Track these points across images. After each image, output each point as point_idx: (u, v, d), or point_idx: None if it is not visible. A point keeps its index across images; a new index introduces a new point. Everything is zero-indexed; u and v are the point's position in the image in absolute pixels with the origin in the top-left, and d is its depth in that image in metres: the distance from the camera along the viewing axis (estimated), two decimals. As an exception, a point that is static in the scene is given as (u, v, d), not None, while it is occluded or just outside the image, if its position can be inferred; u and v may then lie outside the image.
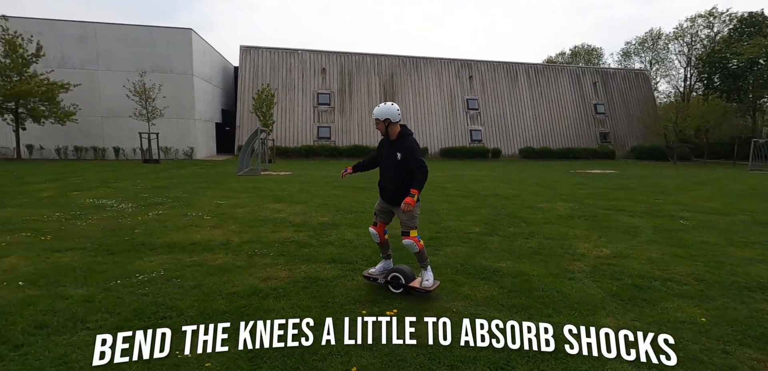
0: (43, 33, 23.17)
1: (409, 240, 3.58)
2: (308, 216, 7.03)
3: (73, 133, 24.42)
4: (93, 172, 14.89)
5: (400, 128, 3.61)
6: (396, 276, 3.65)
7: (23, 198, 8.39)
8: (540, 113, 38.09)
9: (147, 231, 5.68)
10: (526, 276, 4.12)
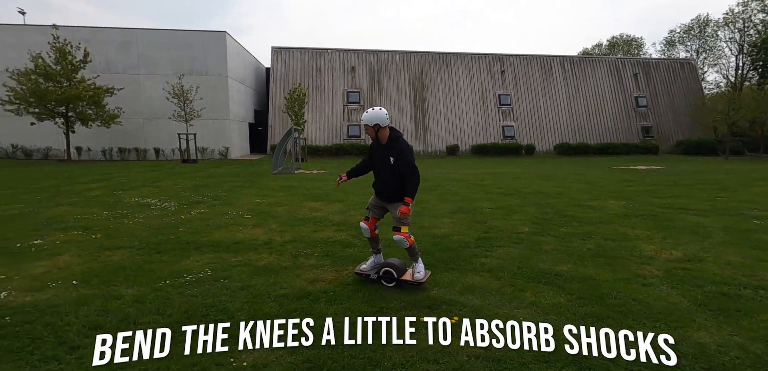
0: (90, 40, 24.38)
1: (399, 236, 3.63)
2: (347, 215, 6.88)
3: (118, 135, 25.58)
4: (136, 172, 15.44)
5: (390, 131, 3.66)
6: (388, 271, 3.66)
7: (74, 197, 8.72)
8: (576, 107, 36.58)
9: (191, 230, 5.69)
10: (594, 281, 3.76)
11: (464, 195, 9.27)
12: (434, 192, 9.76)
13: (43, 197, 8.71)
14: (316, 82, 33.83)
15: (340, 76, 34.99)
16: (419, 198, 8.81)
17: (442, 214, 7.00)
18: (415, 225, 6.13)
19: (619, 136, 35.59)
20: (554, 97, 36.75)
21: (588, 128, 35.93)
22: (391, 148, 3.59)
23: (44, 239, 5.17)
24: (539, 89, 36.91)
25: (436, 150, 33.77)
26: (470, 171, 16.75)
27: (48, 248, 4.79)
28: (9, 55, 23.63)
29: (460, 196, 9.14)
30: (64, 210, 7.24)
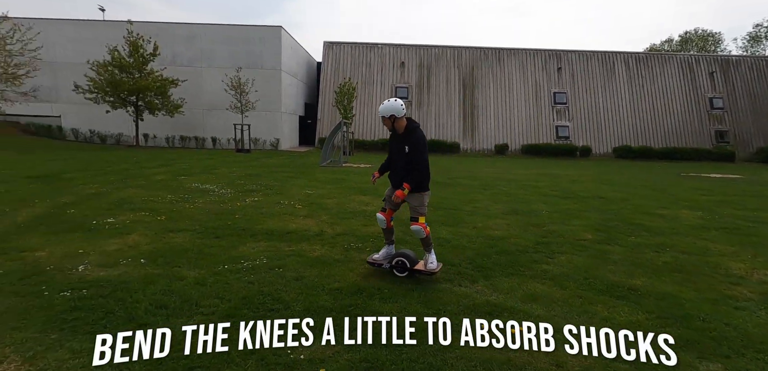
0: (159, 35, 26.16)
1: (417, 226, 3.67)
2: (397, 211, 6.76)
3: (179, 123, 27.32)
4: (195, 160, 16.37)
5: (407, 122, 3.69)
6: (401, 260, 3.69)
7: (142, 181, 9.36)
8: (640, 108, 34.01)
9: (246, 217, 5.86)
10: (675, 300, 3.36)
11: (518, 196, 8.85)
12: (486, 192, 9.41)
13: (116, 179, 9.43)
14: (365, 76, 34.05)
15: (389, 70, 34.97)
16: (470, 197, 8.53)
17: (495, 215, 6.69)
18: (468, 224, 5.90)
19: (688, 141, 32.67)
20: (615, 96, 34.41)
21: (652, 131, 33.31)
22: (407, 138, 3.62)
23: (116, 218, 5.54)
24: (599, 87, 34.72)
25: (484, 148, 32.85)
26: (522, 171, 16.06)
27: (119, 226, 5.13)
28: (89, 48, 25.97)
29: (514, 197, 8.73)
30: (133, 192, 7.76)
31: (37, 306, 2.84)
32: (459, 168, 16.41)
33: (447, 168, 16.15)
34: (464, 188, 9.98)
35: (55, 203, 6.44)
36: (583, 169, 18.80)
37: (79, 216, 5.62)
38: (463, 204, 7.53)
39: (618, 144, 32.55)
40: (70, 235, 4.67)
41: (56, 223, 5.19)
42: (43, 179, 9.11)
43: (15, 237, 4.53)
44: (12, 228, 4.93)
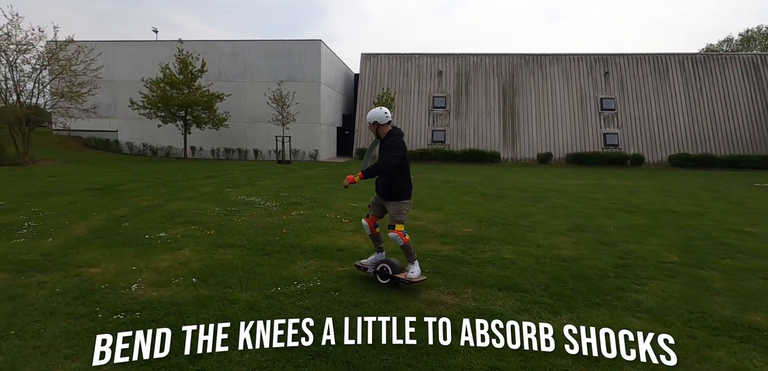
0: (206, 52, 27.35)
1: (394, 234, 3.68)
2: (449, 225, 6.36)
3: (224, 136, 28.31)
4: (239, 171, 16.72)
5: (392, 128, 3.80)
6: (384, 267, 3.75)
7: (190, 193, 9.52)
8: (699, 113, 31.56)
9: (294, 232, 5.67)
10: (816, 345, 2.74)
11: (576, 210, 8.16)
12: (539, 205, 8.77)
13: (166, 191, 9.66)
14: (402, 86, 33.90)
15: (427, 80, 34.62)
16: (524, 210, 7.96)
17: (557, 231, 6.12)
18: (530, 242, 5.39)
19: (756, 147, 29.88)
20: (670, 101, 32.16)
21: (713, 137, 30.76)
22: (383, 143, 3.75)
23: (167, 232, 5.52)
24: (651, 92, 32.59)
25: (525, 157, 31.63)
26: (573, 182, 15.09)
27: (171, 241, 5.07)
28: (143, 67, 27.57)
29: (572, 211, 8.06)
30: (182, 204, 7.85)
31: (91, 330, 2.70)
32: (503, 178, 15.70)
33: (491, 178, 15.49)
34: (514, 200, 9.39)
35: (110, 215, 6.57)
36: (638, 179, 17.46)
37: (132, 229, 5.65)
38: (518, 219, 7.00)
39: (674, 151, 30.33)
40: (124, 249, 4.64)
41: (111, 236, 5.22)
42: (101, 191, 9.48)
43: (73, 251, 4.56)
44: (71, 241, 4.99)
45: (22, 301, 3.14)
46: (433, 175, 17.24)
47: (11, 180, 11.45)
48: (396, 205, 3.71)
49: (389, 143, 3.68)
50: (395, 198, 3.71)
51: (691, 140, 30.82)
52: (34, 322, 2.81)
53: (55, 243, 4.83)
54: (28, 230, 5.46)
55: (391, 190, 3.73)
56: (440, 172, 19.56)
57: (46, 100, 20.18)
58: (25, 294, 3.29)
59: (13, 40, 17.52)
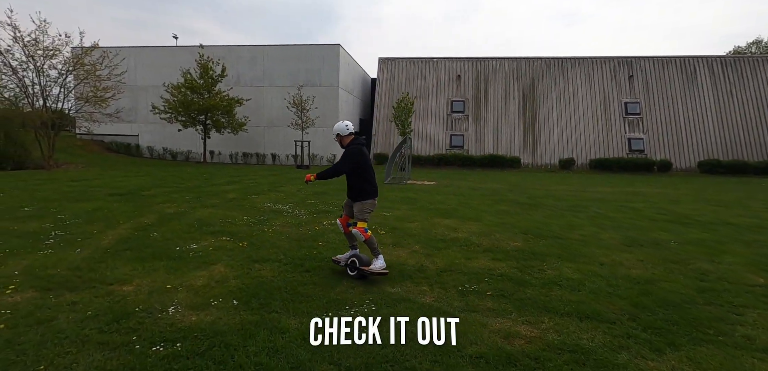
0: (225, 57, 27.47)
1: (356, 230, 4.12)
2: (492, 238, 5.90)
3: (242, 141, 28.34)
4: (260, 176, 16.52)
5: (353, 138, 4.23)
6: (353, 260, 4.11)
7: (215, 199, 9.27)
8: (729, 118, 30.37)
9: (330, 245, 5.30)
10: None
11: (623, 222, 7.60)
12: (581, 215, 8.23)
13: (191, 197, 9.43)
14: (420, 91, 33.49)
15: (445, 84, 34.16)
16: (567, 221, 7.45)
17: (614, 246, 5.61)
18: (589, 259, 4.90)
19: (792, 153, 28.54)
20: (698, 105, 31.05)
21: (745, 143, 29.52)
22: (344, 151, 4.21)
23: (198, 244, 5.22)
24: (678, 96, 31.52)
25: (547, 163, 30.84)
26: (604, 189, 14.41)
27: (203, 254, 4.75)
28: (164, 72, 27.84)
29: (619, 222, 7.50)
30: (209, 211, 7.58)
31: (129, 366, 2.36)
32: (530, 185, 15.12)
33: (517, 185, 14.93)
34: (552, 210, 8.86)
35: (138, 224, 6.32)
36: (671, 186, 16.64)
37: (161, 240, 5.36)
38: (565, 231, 6.50)
39: (703, 157, 29.21)
40: (156, 264, 4.34)
41: (141, 248, 4.94)
42: (126, 196, 9.31)
43: (102, 265, 4.27)
44: (99, 252, 4.72)
45: (52, 327, 2.82)
46: (457, 181, 16.75)
47: (36, 184, 11.43)
48: (359, 205, 4.18)
49: (346, 152, 4.16)
50: (358, 199, 4.17)
51: (721, 146, 29.64)
52: (65, 354, 2.48)
53: (83, 256, 4.56)
54: (55, 239, 5.23)
55: (353, 192, 4.21)
56: (463, 177, 19.05)
57: (71, 104, 20.42)
58: (54, 317, 2.98)
59: (40, 45, 17.76)
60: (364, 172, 4.12)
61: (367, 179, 4.14)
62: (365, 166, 4.13)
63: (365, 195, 4.14)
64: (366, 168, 4.14)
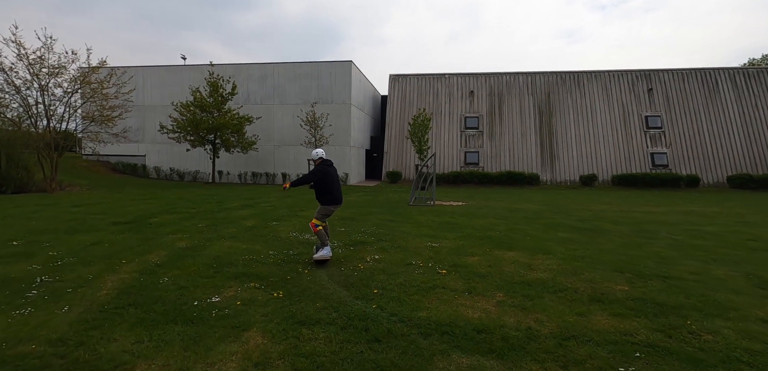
0: (235, 75, 26.77)
1: (311, 225, 5.48)
2: (585, 280, 4.70)
3: (252, 160, 27.41)
4: (275, 198, 15.43)
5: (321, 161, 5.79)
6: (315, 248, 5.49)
7: (232, 227, 8.16)
8: (756, 130, 29.19)
9: (389, 294, 4.13)
10: None
11: (716, 250, 6.36)
12: (659, 243, 6.98)
13: (204, 225, 8.33)
14: (433, 107, 32.64)
15: (458, 100, 33.32)
16: (658, 254, 6.23)
17: (745, 290, 4.39)
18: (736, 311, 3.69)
19: (824, 167, 27.22)
20: (722, 118, 29.92)
21: (775, 156, 28.22)
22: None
23: (221, 294, 4.07)
24: (701, 109, 30.42)
25: (566, 179, 29.63)
26: (649, 208, 13.12)
27: (230, 314, 3.60)
28: (173, 91, 27.16)
29: (713, 252, 6.26)
30: (228, 245, 6.46)
31: None
32: (568, 204, 13.87)
33: (554, 204, 13.66)
34: (619, 236, 7.64)
35: (144, 264, 5.20)
36: (718, 203, 15.30)
37: (174, 289, 4.23)
38: (663, 267, 5.28)
39: (732, 171, 27.93)
40: (168, 331, 3.20)
41: (148, 304, 3.80)
42: (131, 225, 8.24)
43: (95, 333, 3.14)
44: (92, 312, 3.60)
45: None
46: (485, 201, 15.54)
47: (34, 210, 10.39)
48: (323, 208, 5.55)
49: (314, 169, 5.66)
50: (322, 203, 5.59)
51: (749, 160, 28.35)
52: None
53: (72, 317, 3.44)
54: (38, 291, 4.11)
55: (318, 197, 5.62)
56: (487, 196, 17.82)
57: (76, 124, 19.60)
58: None
59: (46, 63, 17.02)
60: (326, 184, 5.57)
61: (329, 191, 5.58)
62: (326, 180, 5.58)
63: (325, 201, 5.58)
64: (327, 182, 5.58)
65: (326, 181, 5.53)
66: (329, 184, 5.54)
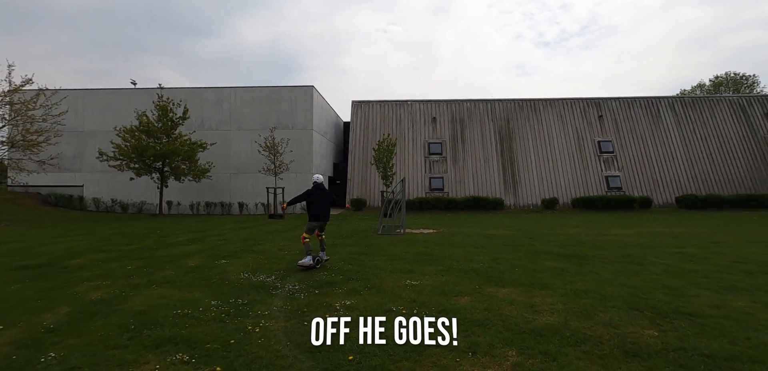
0: (188, 100, 24.99)
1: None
2: (600, 323, 3.91)
3: (205, 189, 25.41)
4: (228, 229, 13.91)
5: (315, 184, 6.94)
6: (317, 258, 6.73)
7: (170, 268, 6.77)
8: (696, 154, 31.24)
9: (366, 360, 3.10)
10: None
11: (712, 275, 5.89)
12: (653, 269, 6.44)
13: (134, 268, 6.87)
14: (396, 133, 32.33)
15: (421, 126, 33.31)
16: (663, 284, 5.63)
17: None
18: None
19: (756, 187, 29.41)
20: (666, 143, 31.84)
21: (715, 178, 30.23)
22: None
23: (132, 375, 2.86)
24: (647, 134, 32.27)
25: (529, 203, 29.99)
26: (620, 231, 12.96)
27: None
28: (119, 116, 24.85)
29: (719, 281, 5.77)
30: (157, 294, 5.14)
31: None
32: (539, 228, 13.48)
33: (528, 230, 13.20)
34: (608, 263, 7.07)
35: (31, 330, 3.83)
36: (678, 224, 15.55)
37: None
38: (676, 300, 4.64)
39: (679, 193, 29.49)
40: None
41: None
42: (39, 270, 6.63)
43: None
44: None
45: None
46: (456, 227, 14.86)
47: None
48: (310, 224, 6.83)
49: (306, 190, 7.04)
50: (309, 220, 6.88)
51: (693, 181, 30.08)
52: None
53: None
54: None
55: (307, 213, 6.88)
56: (457, 222, 17.21)
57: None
58: None
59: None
60: (311, 204, 6.72)
61: (312, 209, 6.75)
62: (310, 200, 6.74)
63: (310, 217, 6.79)
64: (311, 202, 6.73)
65: (311, 201, 6.71)
66: (313, 204, 6.71)
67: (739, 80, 52.90)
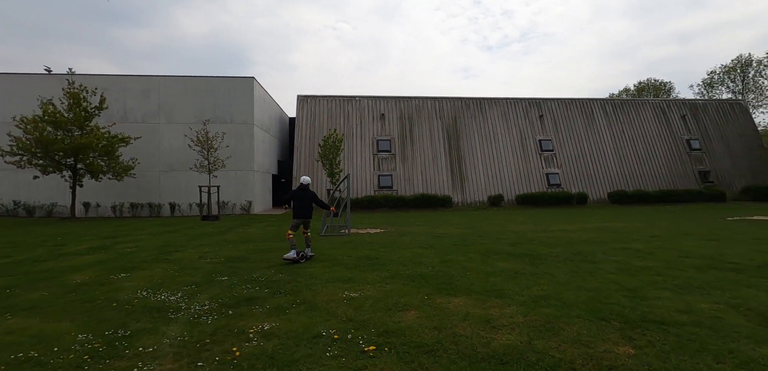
0: (108, 88, 22.18)
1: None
2: (570, 339, 3.31)
3: (130, 188, 22.76)
4: (147, 234, 12.16)
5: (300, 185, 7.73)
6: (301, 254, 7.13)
7: (45, 286, 5.33)
8: (625, 152, 33.49)
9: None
10: None
11: (675, 275, 5.67)
12: (606, 267, 6.14)
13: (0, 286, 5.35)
14: (344, 129, 31.30)
15: (369, 123, 32.57)
16: (620, 284, 5.24)
17: (753, 336, 3.42)
18: None
19: (675, 182, 32.15)
20: (599, 142, 33.83)
21: (641, 174, 32.58)
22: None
23: None
24: (582, 134, 34.06)
25: (476, 200, 30.38)
26: (565, 226, 13.08)
27: None
28: (20, 105, 21.42)
29: (687, 282, 5.54)
30: (10, 325, 3.83)
31: None
32: (486, 226, 13.25)
33: (476, 227, 12.90)
34: (560, 262, 6.72)
35: None
36: (614, 218, 16.20)
37: None
38: (638, 305, 4.23)
39: (610, 189, 31.39)
40: None
41: None
42: None
43: None
44: None
45: None
46: (405, 226, 14.24)
47: None
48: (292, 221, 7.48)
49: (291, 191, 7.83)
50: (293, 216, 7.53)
51: (621, 177, 32.16)
52: None
53: None
54: None
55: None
56: (406, 221, 16.63)
57: None
58: None
59: None
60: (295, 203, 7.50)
61: (295, 207, 7.51)
62: (295, 200, 7.55)
63: (294, 215, 7.49)
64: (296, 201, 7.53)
65: (295, 200, 7.45)
66: (296, 203, 7.45)
67: (659, 86, 57.98)
